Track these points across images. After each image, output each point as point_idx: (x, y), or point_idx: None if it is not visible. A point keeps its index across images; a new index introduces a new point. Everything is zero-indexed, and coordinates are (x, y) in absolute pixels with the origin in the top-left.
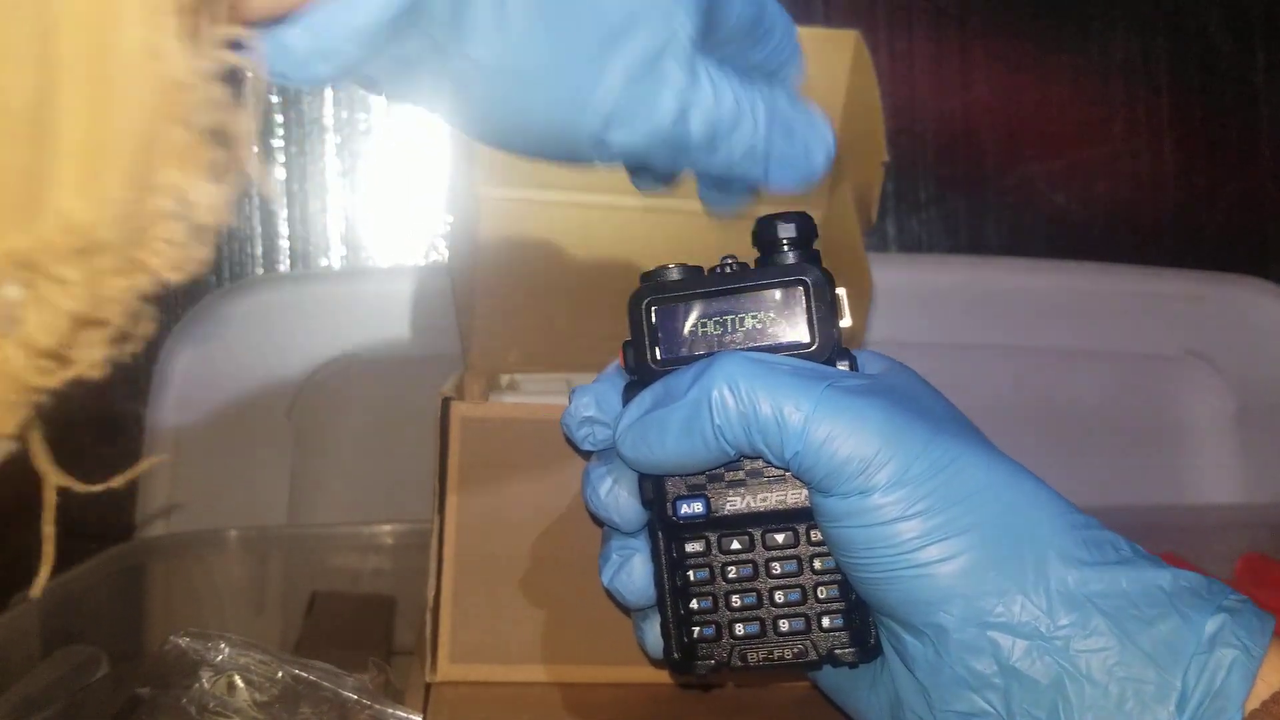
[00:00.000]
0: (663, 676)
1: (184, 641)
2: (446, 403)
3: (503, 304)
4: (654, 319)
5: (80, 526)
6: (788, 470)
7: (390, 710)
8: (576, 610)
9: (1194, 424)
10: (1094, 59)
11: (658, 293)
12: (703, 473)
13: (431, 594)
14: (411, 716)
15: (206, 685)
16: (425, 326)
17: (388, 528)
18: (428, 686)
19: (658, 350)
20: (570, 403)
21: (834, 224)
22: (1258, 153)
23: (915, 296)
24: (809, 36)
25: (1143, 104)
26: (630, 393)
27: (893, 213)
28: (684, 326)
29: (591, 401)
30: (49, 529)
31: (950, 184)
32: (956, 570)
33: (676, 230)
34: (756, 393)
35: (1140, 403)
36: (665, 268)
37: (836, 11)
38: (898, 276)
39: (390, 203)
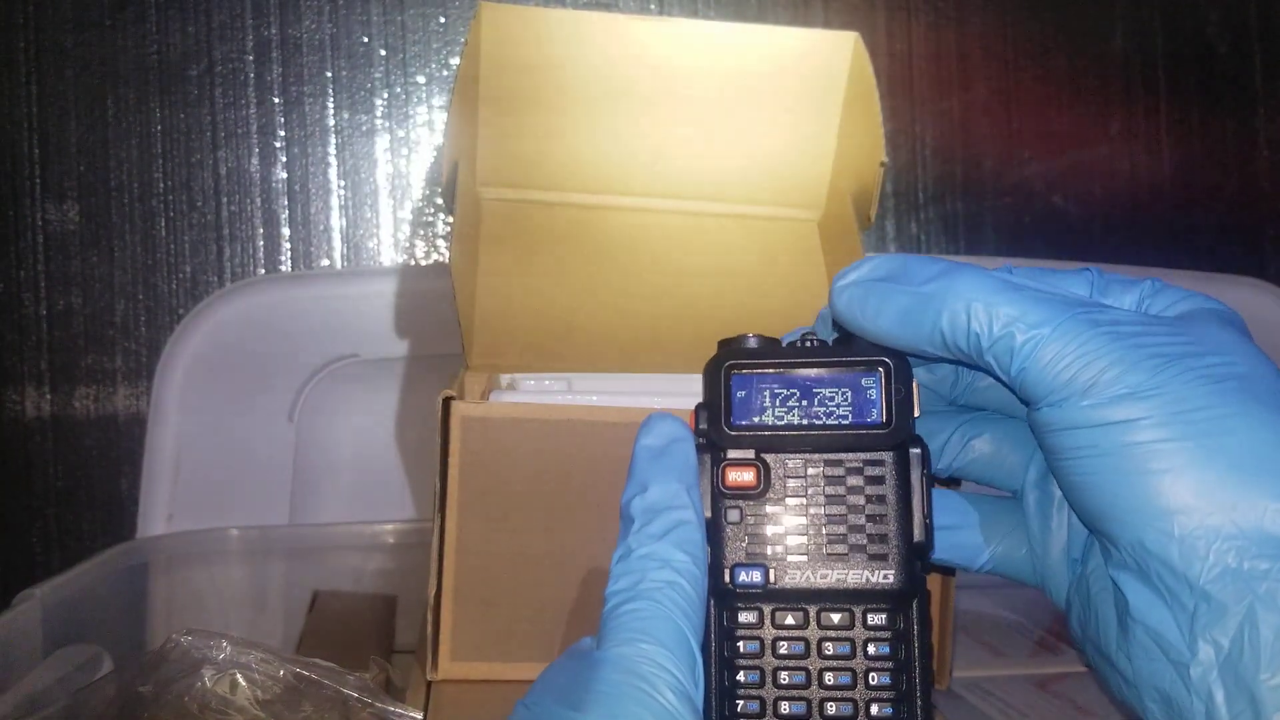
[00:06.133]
0: None
1: (186, 640)
2: (447, 403)
3: (503, 304)
4: (732, 384)
5: (82, 526)
6: (1008, 380)
7: (391, 708)
8: (577, 609)
9: None
10: (1092, 60)
11: (737, 359)
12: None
13: (432, 593)
14: (412, 714)
15: (208, 683)
16: (425, 326)
17: (389, 527)
18: (429, 684)
19: (733, 415)
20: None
21: (832, 224)
22: (1255, 153)
23: None
24: (809, 37)
25: (1141, 105)
26: (700, 453)
27: (891, 213)
28: (761, 394)
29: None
30: None
31: (948, 184)
32: (1170, 485)
33: (676, 230)
34: (997, 309)
35: None
36: (744, 336)
37: (836, 12)
38: None
39: (390, 203)
